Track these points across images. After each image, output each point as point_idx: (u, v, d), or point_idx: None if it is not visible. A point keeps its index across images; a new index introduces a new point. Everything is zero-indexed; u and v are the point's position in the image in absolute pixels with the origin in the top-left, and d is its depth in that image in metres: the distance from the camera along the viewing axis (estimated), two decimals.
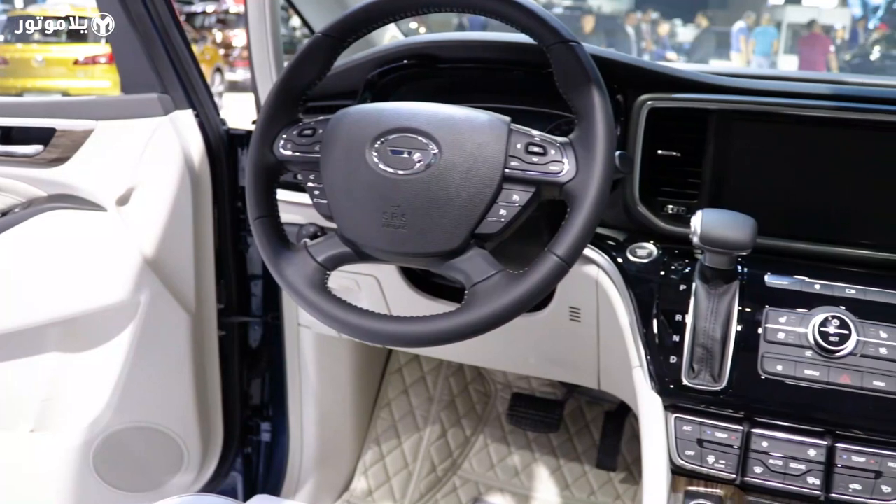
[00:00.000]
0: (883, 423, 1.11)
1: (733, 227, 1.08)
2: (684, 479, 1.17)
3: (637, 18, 14.06)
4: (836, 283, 1.19)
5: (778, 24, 15.98)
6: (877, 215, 1.23)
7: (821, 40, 13.49)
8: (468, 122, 1.05)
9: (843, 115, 1.23)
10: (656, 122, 1.29)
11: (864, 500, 1.10)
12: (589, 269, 1.31)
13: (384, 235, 1.05)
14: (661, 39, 14.62)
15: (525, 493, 2.12)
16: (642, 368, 1.20)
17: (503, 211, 1.03)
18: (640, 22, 14.00)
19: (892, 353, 1.12)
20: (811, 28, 13.64)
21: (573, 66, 1.03)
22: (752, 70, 2.52)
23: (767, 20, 14.76)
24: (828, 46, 13.58)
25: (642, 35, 13.81)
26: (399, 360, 2.28)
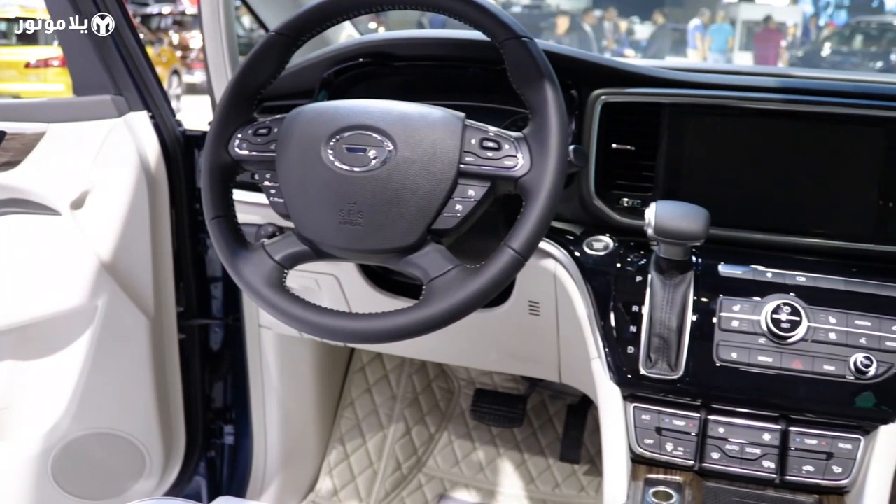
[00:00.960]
0: (833, 405, 1.14)
1: (686, 218, 1.11)
2: (644, 467, 1.19)
3: (595, 17, 14.16)
4: (788, 272, 1.22)
5: (732, 22, 16.23)
6: (825, 205, 1.27)
7: (774, 35, 13.80)
8: (423, 119, 1.06)
9: (792, 108, 1.26)
10: (610, 117, 1.31)
11: (816, 481, 1.13)
12: (546, 263, 1.33)
13: (341, 233, 1.05)
14: (620, 37, 14.77)
15: (490, 488, 2.14)
16: (601, 360, 1.22)
17: (459, 206, 1.03)
18: (601, 20, 14.11)
19: (841, 337, 1.15)
20: (767, 23, 13.91)
21: (526, 62, 1.04)
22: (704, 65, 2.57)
23: (722, 17, 14.98)
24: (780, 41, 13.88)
25: (604, 33, 13.93)
26: (362, 359, 2.28)
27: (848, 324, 1.16)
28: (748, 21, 17.05)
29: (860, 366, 1.13)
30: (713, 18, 14.29)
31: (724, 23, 14.48)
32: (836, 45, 15.55)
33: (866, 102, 1.25)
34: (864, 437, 1.14)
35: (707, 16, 14.09)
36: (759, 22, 15.54)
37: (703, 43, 13.28)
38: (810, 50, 15.78)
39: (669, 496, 1.12)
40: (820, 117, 1.26)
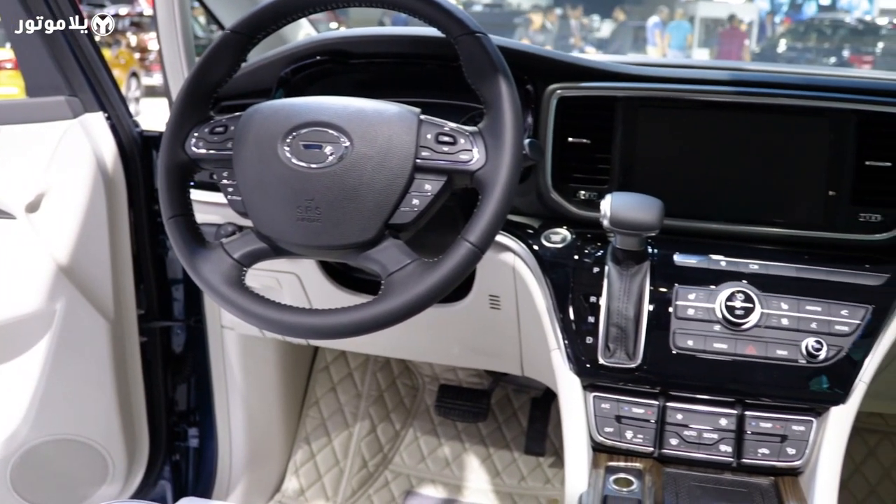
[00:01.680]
0: (787, 389, 1.17)
1: (641, 209, 1.13)
2: (605, 455, 1.21)
3: (557, 15, 14.27)
4: (741, 260, 1.25)
5: (691, 19, 16.42)
6: (776, 194, 1.29)
7: (738, 33, 14.04)
8: (378, 115, 1.06)
9: (742, 100, 1.29)
10: (566, 111, 1.33)
11: (771, 463, 1.16)
12: (505, 256, 1.34)
13: (299, 229, 1.05)
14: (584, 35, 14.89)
15: (457, 483, 2.15)
16: (560, 351, 1.24)
17: (416, 200, 1.04)
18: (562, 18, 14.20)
19: (792, 323, 1.18)
20: (731, 22, 14.14)
21: (480, 57, 1.05)
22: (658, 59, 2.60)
23: (681, 15, 15.16)
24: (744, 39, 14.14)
25: (571, 31, 14.03)
26: (325, 358, 2.27)
27: (799, 309, 1.19)
28: (706, 18, 17.28)
29: (811, 350, 1.16)
30: (672, 16, 14.46)
31: (682, 20, 14.66)
32: (792, 41, 15.85)
33: (813, 94, 1.28)
34: (816, 418, 1.17)
35: (666, 13, 14.25)
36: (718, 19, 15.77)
37: (663, 40, 13.44)
38: (766, 46, 16.06)
39: (630, 483, 1.13)
40: (770, 109, 1.29)
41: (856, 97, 1.27)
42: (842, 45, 15.23)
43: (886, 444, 2.12)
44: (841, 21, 16.39)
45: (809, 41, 15.85)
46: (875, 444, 2.12)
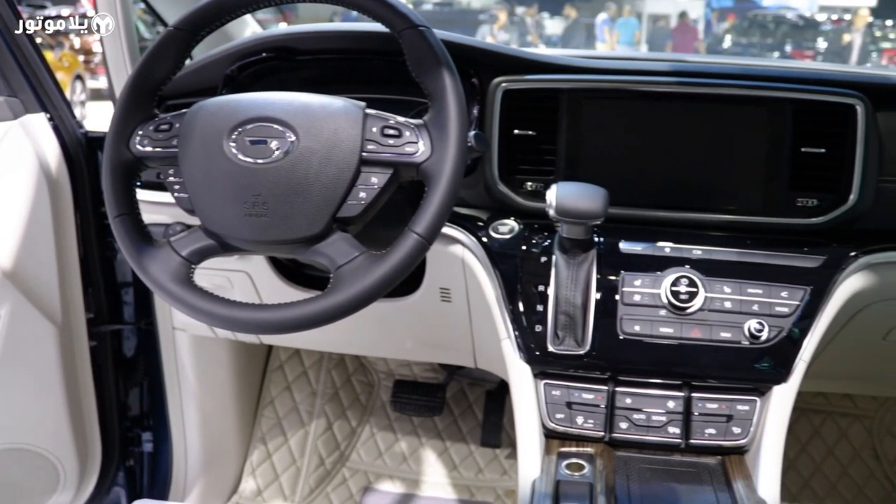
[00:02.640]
0: (731, 370, 1.21)
1: (585, 198, 1.14)
2: (557, 441, 1.22)
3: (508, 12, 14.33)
4: (685, 246, 1.28)
5: (639, 16, 16.64)
6: (717, 181, 1.32)
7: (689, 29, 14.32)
8: (324, 109, 1.07)
9: (683, 90, 1.32)
10: (511, 104, 1.34)
11: (718, 443, 1.19)
12: (454, 248, 1.35)
13: (247, 225, 1.05)
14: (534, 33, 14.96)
15: (414, 477, 2.16)
16: (510, 340, 1.25)
17: (363, 194, 1.05)
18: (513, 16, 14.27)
19: (735, 305, 1.21)
20: (682, 18, 14.40)
21: (423, 51, 1.06)
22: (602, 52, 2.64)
23: (629, 11, 15.33)
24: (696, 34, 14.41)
25: (527, 29, 14.10)
26: (280, 357, 2.26)
27: (741, 292, 1.22)
28: (653, 14, 17.52)
29: (753, 331, 1.19)
30: (620, 12, 14.62)
31: (630, 17, 14.83)
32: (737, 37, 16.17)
33: (751, 84, 1.32)
34: (759, 398, 1.20)
35: (614, 10, 14.39)
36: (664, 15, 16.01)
37: (612, 36, 13.57)
38: (712, 42, 16.36)
39: (582, 467, 1.15)
40: (710, 98, 1.32)
41: (792, 86, 1.31)
42: (784, 41, 15.60)
43: (830, 424, 2.18)
44: (783, 17, 16.77)
45: (753, 36, 16.20)
46: (819, 423, 2.18)
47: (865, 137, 1.27)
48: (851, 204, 1.28)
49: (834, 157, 1.29)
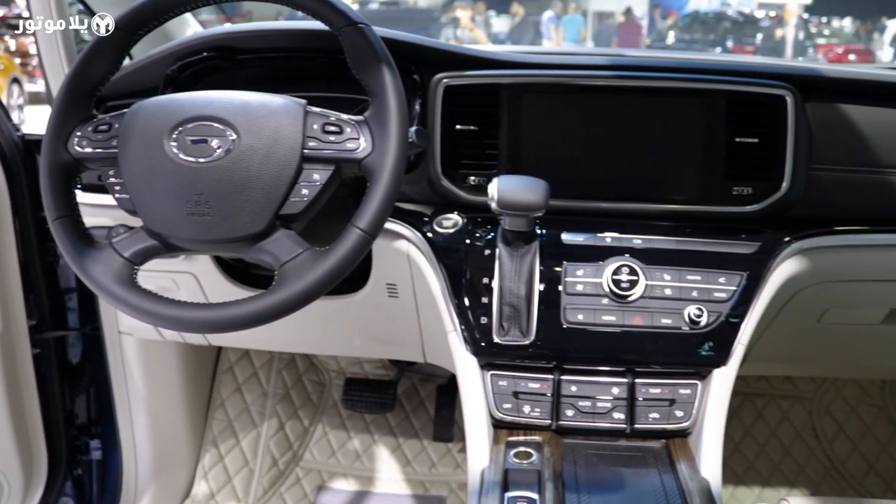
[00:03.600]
0: (672, 355, 1.24)
1: (526, 190, 1.16)
2: (505, 431, 1.24)
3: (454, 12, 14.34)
4: (625, 236, 1.31)
5: (584, 13, 16.82)
6: (656, 172, 1.36)
7: (635, 25, 14.54)
8: (264, 107, 1.07)
9: (620, 83, 1.34)
10: (453, 99, 1.35)
11: (662, 426, 1.22)
12: (399, 244, 1.36)
13: (190, 224, 1.05)
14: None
15: (368, 475, 2.16)
16: (456, 332, 1.27)
17: (305, 190, 1.05)
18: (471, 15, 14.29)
19: (675, 292, 1.25)
20: (628, 15, 14.62)
21: (363, 48, 1.07)
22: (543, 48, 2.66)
23: (574, 9, 15.47)
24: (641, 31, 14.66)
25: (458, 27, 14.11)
26: (229, 359, 2.25)
27: (681, 279, 1.25)
28: (598, 12, 17.73)
29: (693, 317, 1.23)
30: (566, 10, 14.74)
31: (576, 14, 14.97)
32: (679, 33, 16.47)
33: (686, 76, 1.35)
34: (700, 381, 1.24)
35: (560, 7, 14.51)
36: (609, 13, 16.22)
37: (558, 34, 13.69)
38: (656, 39, 16.63)
39: (530, 455, 1.17)
40: (646, 91, 1.35)
41: (725, 78, 1.34)
42: (725, 36, 15.94)
43: (773, 406, 2.25)
44: (723, 13, 17.13)
45: (696, 33, 16.52)
46: (763, 406, 2.25)
47: (795, 127, 1.32)
48: (784, 192, 1.33)
49: (767, 146, 1.33)
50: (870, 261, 1.43)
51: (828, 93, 1.40)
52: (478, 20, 14.42)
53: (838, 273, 1.43)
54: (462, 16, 13.06)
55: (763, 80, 1.34)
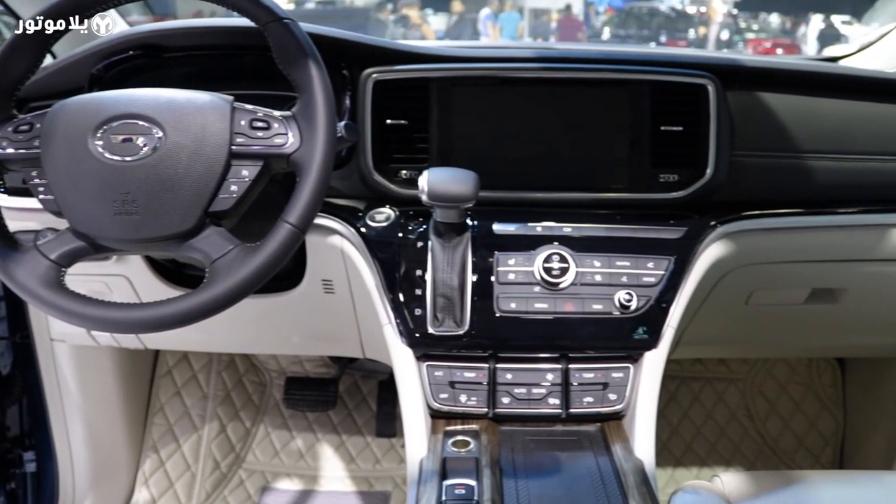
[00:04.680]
0: (604, 340, 1.26)
1: (456, 182, 1.17)
2: (442, 421, 1.25)
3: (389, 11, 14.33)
4: (555, 224, 1.33)
5: (521, 10, 16.94)
6: (584, 162, 1.38)
7: (574, 22, 14.76)
8: (190, 104, 1.06)
9: (547, 75, 1.37)
10: (383, 94, 1.36)
11: (596, 410, 1.25)
12: (333, 239, 1.36)
13: (117, 224, 1.03)
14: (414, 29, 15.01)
15: (312, 473, 2.15)
16: (391, 325, 1.27)
17: (234, 187, 1.05)
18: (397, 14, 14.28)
19: (605, 278, 1.27)
20: (567, 11, 14.81)
21: (289, 43, 1.07)
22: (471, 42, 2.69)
23: (510, 6, 15.58)
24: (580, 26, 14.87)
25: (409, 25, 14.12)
26: (167, 362, 2.21)
27: (610, 265, 1.28)
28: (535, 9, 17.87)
29: (623, 301, 1.25)
30: (502, 7, 14.85)
31: (513, 11, 15.09)
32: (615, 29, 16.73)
33: (611, 67, 1.38)
34: (633, 364, 1.26)
35: (497, 4, 14.61)
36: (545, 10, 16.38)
37: (495, 31, 13.79)
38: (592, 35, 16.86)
39: (467, 443, 1.18)
40: (573, 82, 1.37)
41: (649, 69, 1.38)
42: (659, 31, 16.24)
43: (708, 389, 2.31)
44: (656, 9, 17.45)
45: (630, 28, 16.79)
46: (699, 389, 2.31)
47: (717, 115, 1.35)
48: (708, 178, 1.36)
49: (691, 134, 1.37)
50: (791, 242, 1.48)
51: (748, 81, 1.44)
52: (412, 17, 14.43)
53: (762, 255, 1.48)
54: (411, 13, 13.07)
55: (685, 70, 1.38)
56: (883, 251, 1.52)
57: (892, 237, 1.50)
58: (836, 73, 1.53)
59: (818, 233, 1.48)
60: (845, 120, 1.47)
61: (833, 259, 1.55)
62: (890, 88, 1.51)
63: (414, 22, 13.02)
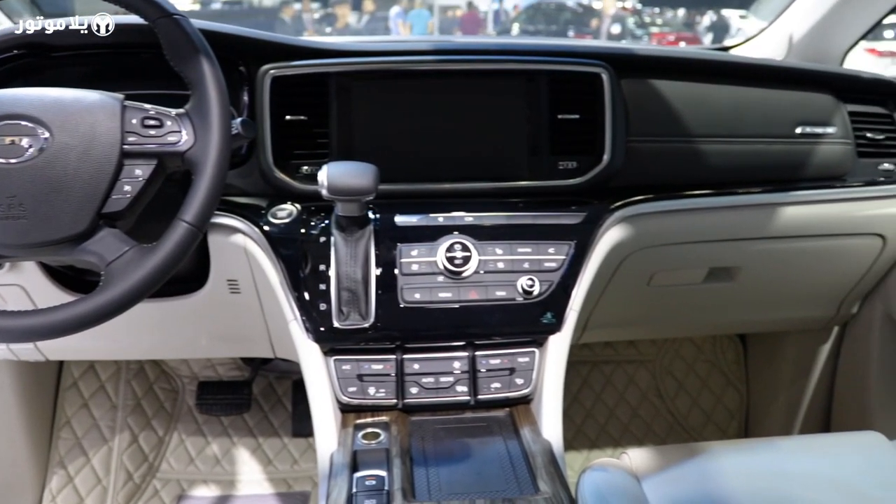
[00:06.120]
0: (509, 326, 1.28)
1: (355, 175, 1.17)
2: (352, 414, 1.25)
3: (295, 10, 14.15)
4: (457, 214, 1.34)
5: (430, 7, 16.98)
6: (485, 151, 1.40)
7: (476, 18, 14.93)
8: (78, 103, 1.04)
9: (443, 67, 1.38)
10: (281, 90, 1.35)
11: (504, 395, 1.27)
12: (236, 238, 1.34)
13: (4, 229, 1.00)
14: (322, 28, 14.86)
15: (229, 478, 2.12)
16: (297, 321, 1.27)
17: (128, 187, 1.03)
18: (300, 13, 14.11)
19: (507, 265, 1.29)
20: (469, 8, 14.96)
21: (180, 39, 1.06)
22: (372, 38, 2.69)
23: (420, 3, 15.60)
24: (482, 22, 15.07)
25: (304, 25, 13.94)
26: (73, 374, 2.14)
27: (512, 252, 1.30)
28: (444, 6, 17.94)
29: (526, 287, 1.28)
30: (412, 5, 14.85)
31: (422, 8, 15.11)
32: (524, 24, 16.95)
33: (507, 58, 1.40)
34: (538, 349, 1.29)
35: (406, 2, 14.60)
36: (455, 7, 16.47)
37: (405, 28, 13.78)
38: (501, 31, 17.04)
39: (378, 435, 1.19)
40: (471, 74, 1.39)
41: (545, 59, 1.40)
42: (567, 27, 16.52)
43: (619, 372, 2.37)
44: (563, 4, 17.75)
45: (539, 24, 17.03)
46: (610, 372, 2.37)
47: (612, 103, 1.39)
48: (605, 164, 1.40)
49: (587, 122, 1.40)
50: (686, 224, 1.53)
51: (641, 70, 1.49)
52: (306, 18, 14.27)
53: (659, 237, 1.53)
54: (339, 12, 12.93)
55: (580, 59, 1.41)
56: (772, 229, 1.60)
57: (780, 215, 1.58)
58: (725, 60, 1.59)
59: (712, 214, 1.54)
60: (735, 105, 1.53)
61: (727, 238, 1.61)
62: (776, 75, 1.59)
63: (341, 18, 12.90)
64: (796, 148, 1.55)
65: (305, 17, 14.12)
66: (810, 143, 1.56)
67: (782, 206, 1.57)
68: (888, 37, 10.04)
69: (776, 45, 1.90)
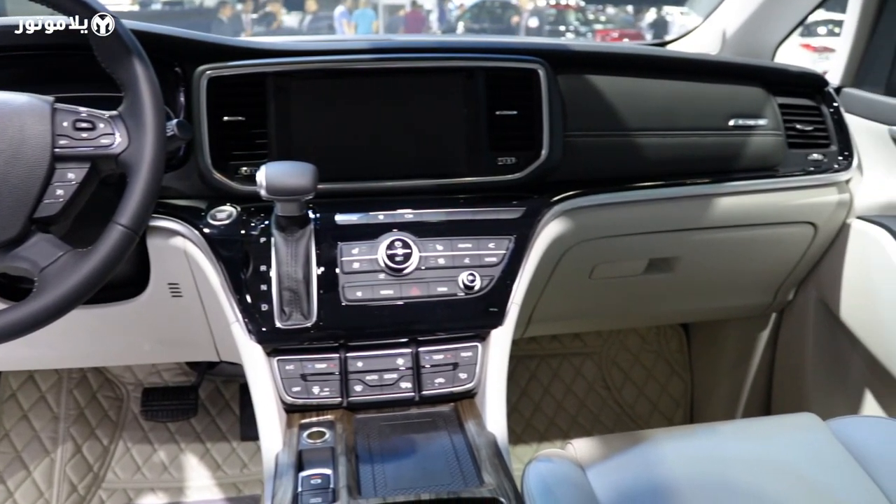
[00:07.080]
0: (451, 321, 1.29)
1: (293, 175, 1.17)
2: (297, 414, 1.25)
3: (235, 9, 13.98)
4: (397, 211, 1.35)
5: (375, 7, 16.93)
6: (425, 149, 1.40)
7: (419, 16, 14.97)
8: (6, 106, 1.02)
9: (381, 65, 1.38)
10: (218, 90, 1.34)
11: (448, 390, 1.28)
12: (175, 241, 1.33)
13: None
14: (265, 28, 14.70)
15: (178, 485, 2.09)
16: (239, 323, 1.26)
17: (60, 191, 1.01)
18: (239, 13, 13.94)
19: (448, 261, 1.30)
20: (413, 7, 14.98)
21: (110, 40, 1.04)
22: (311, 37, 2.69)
23: (364, 3, 15.55)
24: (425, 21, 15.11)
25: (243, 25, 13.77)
26: (10, 385, 2.09)
27: (453, 248, 1.31)
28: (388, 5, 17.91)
29: (467, 282, 1.29)
30: (357, 4, 14.79)
31: (367, 8, 15.06)
32: (469, 23, 17.02)
33: (444, 55, 1.41)
34: (481, 343, 1.30)
35: (350, 2, 14.54)
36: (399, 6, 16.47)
37: (350, 28, 13.73)
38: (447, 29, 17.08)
39: (323, 434, 1.18)
40: (408, 72, 1.39)
41: (482, 56, 1.42)
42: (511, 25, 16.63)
43: (566, 365, 2.40)
44: (508, 3, 17.86)
45: (484, 22, 17.12)
46: (557, 366, 2.39)
47: (549, 99, 1.41)
48: (543, 159, 1.42)
49: (525, 118, 1.41)
50: (625, 216, 1.56)
51: (577, 65, 1.51)
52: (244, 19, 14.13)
53: (598, 230, 1.56)
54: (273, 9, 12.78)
55: (516, 56, 1.42)
56: (708, 219, 1.63)
57: (716, 206, 1.62)
58: (659, 55, 1.63)
59: (649, 205, 1.57)
60: (670, 99, 1.56)
61: (665, 230, 1.65)
62: (709, 69, 1.62)
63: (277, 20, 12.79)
64: (730, 140, 1.59)
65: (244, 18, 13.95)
66: (743, 134, 1.60)
67: (718, 197, 1.61)
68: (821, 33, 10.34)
69: (711, 41, 1.95)
